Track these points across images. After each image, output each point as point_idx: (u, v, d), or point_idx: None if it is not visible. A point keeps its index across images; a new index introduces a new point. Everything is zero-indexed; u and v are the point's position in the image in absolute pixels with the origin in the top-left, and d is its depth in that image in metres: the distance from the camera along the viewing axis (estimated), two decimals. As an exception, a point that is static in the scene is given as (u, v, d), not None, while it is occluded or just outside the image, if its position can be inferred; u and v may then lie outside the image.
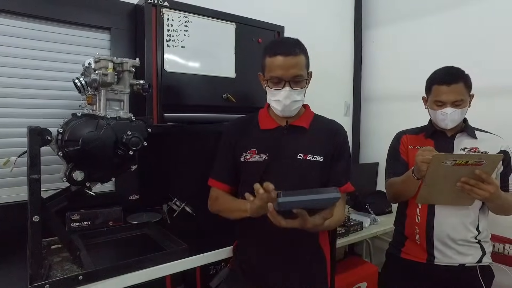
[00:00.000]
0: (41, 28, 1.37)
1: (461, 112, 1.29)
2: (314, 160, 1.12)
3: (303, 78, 1.11)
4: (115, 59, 1.10)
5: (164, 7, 1.39)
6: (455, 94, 1.27)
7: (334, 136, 1.17)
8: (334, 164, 1.16)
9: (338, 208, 1.10)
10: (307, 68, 1.13)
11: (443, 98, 1.29)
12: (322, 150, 1.14)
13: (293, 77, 1.08)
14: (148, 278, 1.06)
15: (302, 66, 1.09)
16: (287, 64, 1.07)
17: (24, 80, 1.35)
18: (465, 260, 1.31)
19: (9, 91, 1.33)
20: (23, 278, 0.95)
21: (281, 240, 1.10)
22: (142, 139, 1.07)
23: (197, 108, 1.53)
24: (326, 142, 1.16)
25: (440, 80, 1.30)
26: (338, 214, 1.10)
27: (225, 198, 1.18)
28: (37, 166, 0.93)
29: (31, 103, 1.37)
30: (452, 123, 1.31)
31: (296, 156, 1.12)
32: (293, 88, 1.09)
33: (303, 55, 1.10)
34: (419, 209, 1.36)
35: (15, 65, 1.33)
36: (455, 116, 1.29)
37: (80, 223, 1.36)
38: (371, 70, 2.61)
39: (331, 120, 1.24)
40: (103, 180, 1.09)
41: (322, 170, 1.13)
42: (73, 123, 1.00)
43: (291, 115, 1.15)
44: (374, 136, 2.57)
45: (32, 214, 0.93)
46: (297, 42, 1.11)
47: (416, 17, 2.30)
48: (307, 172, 1.12)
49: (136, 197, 1.56)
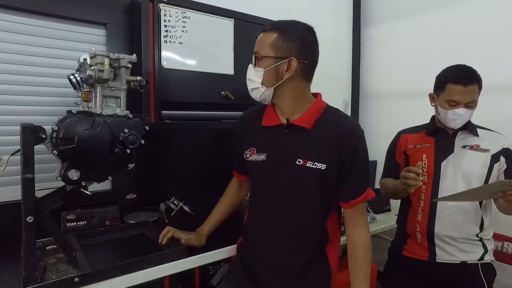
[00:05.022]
0: (35, 23, 1.33)
1: (472, 112, 1.29)
2: (314, 167, 1.00)
3: (261, 56, 1.00)
4: (111, 55, 1.06)
5: (162, 2, 1.36)
6: (470, 95, 1.24)
7: (342, 140, 1.00)
8: (345, 174, 1.02)
9: (358, 219, 1.07)
10: (276, 49, 0.98)
11: (457, 99, 1.25)
12: (325, 156, 1.00)
13: (255, 52, 1.02)
14: (146, 279, 1.03)
15: (263, 43, 1.00)
16: (257, 40, 1.03)
17: (17, 77, 1.32)
18: (467, 257, 1.31)
19: (1, 87, 1.29)
20: (16, 280, 0.93)
21: (281, 244, 1.07)
22: (139, 137, 1.04)
23: (195, 106, 1.50)
24: (332, 148, 1.00)
25: (456, 79, 1.25)
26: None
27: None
28: (31, 165, 0.90)
29: (24, 100, 1.34)
30: (462, 123, 1.30)
31: (295, 161, 1.01)
32: (254, 66, 1.02)
33: (273, 32, 0.99)
34: (421, 208, 1.36)
35: (7, 60, 1.29)
36: (467, 117, 1.28)
37: (75, 223, 1.33)
38: (369, 68, 2.60)
39: (343, 118, 1.06)
40: (99, 179, 1.06)
41: (323, 179, 1.01)
42: (68, 120, 0.96)
43: (261, 100, 1.05)
44: (372, 134, 2.55)
45: (26, 215, 0.90)
46: (277, 22, 1.02)
47: (414, 14, 2.28)
48: (304, 181, 1.02)
49: (133, 196, 1.54)
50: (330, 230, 1.10)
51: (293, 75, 1.00)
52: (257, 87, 1.03)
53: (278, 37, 0.99)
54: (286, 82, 1.01)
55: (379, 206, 2.06)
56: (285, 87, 1.02)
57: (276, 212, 1.07)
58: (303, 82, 1.04)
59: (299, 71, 1.01)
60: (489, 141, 1.32)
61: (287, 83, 1.02)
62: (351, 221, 1.09)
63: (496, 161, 1.29)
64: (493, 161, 1.29)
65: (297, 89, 1.04)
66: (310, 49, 1.03)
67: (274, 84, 1.01)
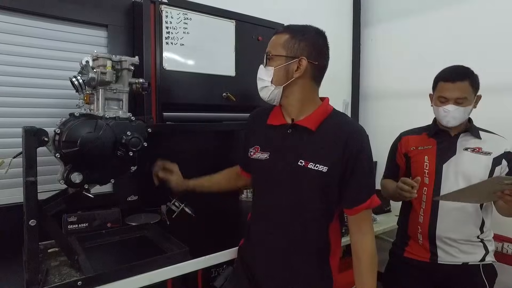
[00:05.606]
0: (36, 25, 1.32)
1: (464, 110, 1.28)
2: (316, 169, 0.98)
3: (272, 55, 1.02)
4: (113, 57, 1.06)
5: (163, 4, 1.36)
6: (458, 91, 1.26)
7: (345, 144, 0.98)
8: (348, 178, 1.00)
9: (363, 226, 1.05)
10: (287, 49, 1.00)
11: (446, 95, 1.28)
12: (328, 158, 0.99)
13: (265, 53, 1.04)
14: (149, 282, 1.03)
15: (275, 43, 1.02)
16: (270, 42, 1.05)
17: (19, 79, 1.31)
18: (468, 258, 1.31)
19: (3, 89, 1.28)
20: (19, 283, 0.93)
21: (282, 247, 1.06)
22: (142, 140, 1.04)
23: (196, 107, 1.50)
24: (334, 150, 0.99)
25: (445, 77, 1.30)
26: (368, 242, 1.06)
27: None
28: (34, 168, 0.90)
29: (25, 102, 1.33)
30: (453, 121, 1.29)
31: (297, 162, 1.00)
32: (264, 65, 1.04)
33: (285, 33, 1.02)
34: (422, 209, 1.36)
35: (8, 62, 1.28)
36: (457, 114, 1.28)
37: (77, 225, 1.32)
38: (369, 68, 2.60)
39: (348, 122, 1.06)
40: (102, 182, 1.05)
41: (324, 182, 0.99)
42: (71, 123, 0.96)
43: (269, 100, 1.06)
44: (372, 134, 2.52)
45: (29, 218, 0.89)
46: (289, 25, 1.07)
47: (415, 15, 2.29)
48: (305, 182, 1.01)
49: (135, 198, 1.53)
50: (332, 237, 1.08)
51: (302, 75, 1.01)
52: (266, 85, 1.03)
53: (290, 37, 1.01)
54: (295, 81, 1.02)
55: (379, 207, 2.06)
56: (294, 86, 1.03)
57: (277, 213, 1.06)
58: (311, 83, 1.05)
59: (309, 72, 1.02)
60: (491, 144, 1.32)
61: (296, 83, 1.02)
62: (355, 228, 1.06)
63: (498, 164, 1.29)
64: (494, 164, 1.29)
65: (305, 90, 1.04)
66: (320, 51, 1.04)
67: (284, 83, 1.02)
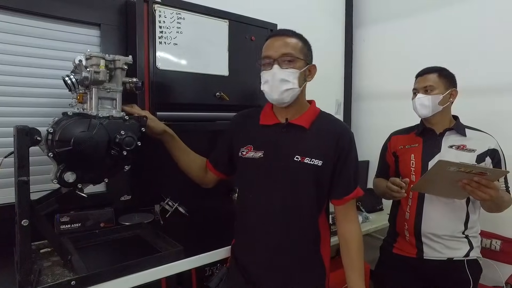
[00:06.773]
0: (27, 23, 1.30)
1: (432, 98, 1.34)
2: (311, 163, 1.05)
3: (295, 57, 1.04)
4: (107, 56, 1.06)
5: (156, 3, 1.36)
6: (425, 81, 1.37)
7: (337, 140, 1.07)
8: (340, 171, 1.09)
9: (350, 214, 1.14)
10: (303, 54, 1.07)
11: (416, 86, 1.41)
12: (321, 153, 1.06)
13: (282, 55, 1.03)
14: (143, 281, 1.03)
15: (294, 46, 1.05)
16: (277, 43, 1.05)
17: (11, 77, 1.29)
18: (453, 254, 1.35)
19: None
20: (11, 284, 0.92)
21: (276, 244, 1.09)
22: (135, 139, 1.04)
23: (189, 107, 1.50)
24: (328, 146, 1.07)
25: (418, 73, 1.43)
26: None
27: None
28: (26, 167, 0.89)
29: (17, 101, 1.31)
30: (423, 109, 1.36)
31: (293, 158, 1.06)
32: (282, 67, 1.04)
33: (298, 39, 1.07)
34: (409, 206, 1.41)
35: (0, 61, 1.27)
36: (425, 101, 1.35)
37: (70, 225, 1.31)
38: (361, 68, 2.63)
39: (336, 120, 1.16)
40: (95, 181, 1.05)
41: (319, 175, 1.07)
42: (64, 122, 0.96)
43: (284, 102, 1.07)
44: (364, 134, 2.59)
45: (21, 218, 0.89)
46: (294, 31, 1.09)
47: (406, 16, 2.32)
48: (301, 176, 1.07)
49: (128, 198, 1.53)
50: (321, 229, 1.13)
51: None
52: (292, 87, 1.06)
53: (303, 44, 1.08)
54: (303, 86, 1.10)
55: (372, 206, 2.09)
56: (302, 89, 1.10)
57: (271, 209, 1.09)
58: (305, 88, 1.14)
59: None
60: (475, 142, 1.35)
61: (303, 87, 1.10)
62: (343, 217, 1.15)
63: (481, 161, 1.32)
64: (478, 161, 1.31)
65: (304, 93, 1.13)
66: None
67: (301, 86, 1.08)
